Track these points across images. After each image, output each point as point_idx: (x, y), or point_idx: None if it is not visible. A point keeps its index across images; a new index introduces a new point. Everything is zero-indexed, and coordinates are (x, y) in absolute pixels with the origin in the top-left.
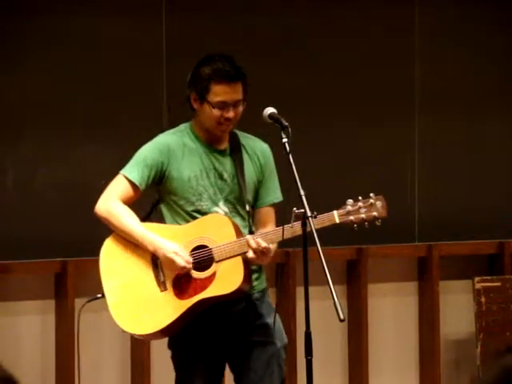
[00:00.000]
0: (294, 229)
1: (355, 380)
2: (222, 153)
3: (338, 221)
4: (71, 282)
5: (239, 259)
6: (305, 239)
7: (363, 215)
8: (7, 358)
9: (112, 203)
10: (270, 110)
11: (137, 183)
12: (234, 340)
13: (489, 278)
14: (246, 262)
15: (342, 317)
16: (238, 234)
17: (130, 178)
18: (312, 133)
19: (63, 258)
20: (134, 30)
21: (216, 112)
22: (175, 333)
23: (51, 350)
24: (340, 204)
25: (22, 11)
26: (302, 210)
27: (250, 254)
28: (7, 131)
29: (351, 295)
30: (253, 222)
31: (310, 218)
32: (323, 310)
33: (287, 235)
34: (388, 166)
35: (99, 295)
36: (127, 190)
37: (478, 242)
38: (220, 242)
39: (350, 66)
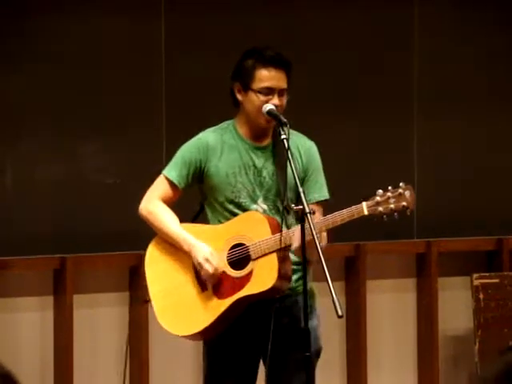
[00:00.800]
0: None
1: (353, 376)
2: (263, 149)
3: (366, 212)
4: (70, 279)
5: (274, 257)
6: (303, 236)
7: (392, 205)
8: (6, 354)
9: (152, 203)
10: (268, 106)
11: (176, 182)
12: (268, 341)
13: (487, 274)
14: (282, 259)
15: (340, 313)
16: (275, 231)
17: (169, 177)
18: (310, 132)
19: (62, 255)
20: (134, 29)
21: (262, 98)
22: (219, 331)
23: (50, 346)
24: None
25: (22, 10)
26: (301, 207)
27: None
28: (7, 129)
29: (349, 291)
30: (296, 219)
31: (308, 215)
32: (322, 306)
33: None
34: (386, 163)
35: (148, 299)
36: (167, 190)
37: (476, 239)
38: (256, 239)
39: (348, 66)
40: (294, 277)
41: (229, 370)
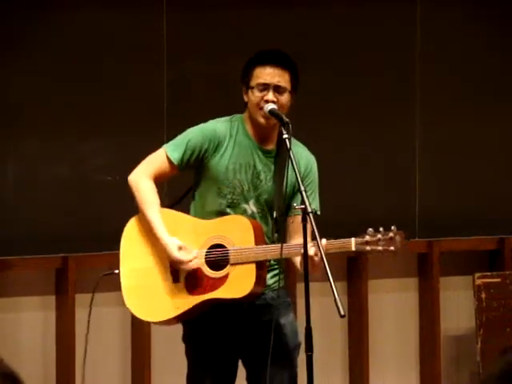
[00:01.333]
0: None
1: (356, 376)
2: (267, 153)
3: (353, 248)
4: (72, 278)
5: (253, 266)
6: (305, 234)
7: (380, 248)
8: (8, 353)
9: (141, 178)
10: (270, 105)
11: (175, 163)
12: (247, 338)
13: (489, 273)
14: (259, 268)
15: (342, 313)
16: (258, 239)
17: (170, 156)
18: (311, 130)
19: (64, 254)
20: (135, 25)
21: (256, 94)
22: (184, 320)
23: (52, 346)
24: (340, 206)
25: (23, 7)
26: (303, 206)
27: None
28: (8, 127)
29: (351, 291)
30: (279, 230)
31: (310, 214)
32: (324, 306)
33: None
34: (388, 163)
35: (116, 271)
36: (164, 167)
37: (478, 238)
38: (238, 244)
39: (350, 64)
40: (270, 274)
41: (207, 369)
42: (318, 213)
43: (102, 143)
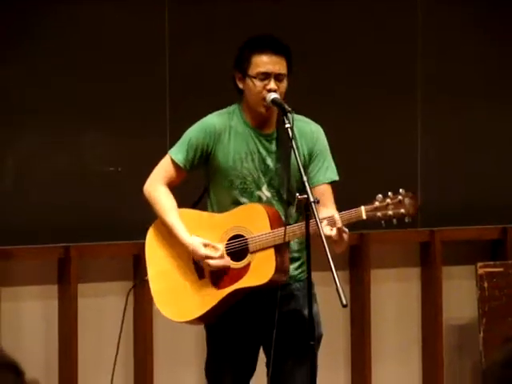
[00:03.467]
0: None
1: (358, 365)
2: (267, 137)
3: (364, 217)
4: (74, 268)
5: (271, 251)
6: (307, 224)
7: (391, 212)
8: (10, 343)
9: (155, 186)
10: (272, 95)
11: (181, 165)
12: (269, 328)
13: (492, 263)
14: (279, 253)
15: (344, 302)
16: (274, 224)
17: (176, 160)
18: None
19: (66, 244)
20: (136, 17)
21: (258, 83)
22: (213, 319)
23: (54, 335)
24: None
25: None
26: (305, 196)
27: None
28: (7, 118)
29: (354, 281)
30: (297, 210)
31: (312, 204)
32: (326, 295)
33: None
34: (390, 152)
35: (146, 278)
36: (173, 172)
37: (480, 228)
38: (255, 232)
39: (351, 57)
40: (295, 264)
41: (228, 357)
42: (337, 178)
43: (103, 133)
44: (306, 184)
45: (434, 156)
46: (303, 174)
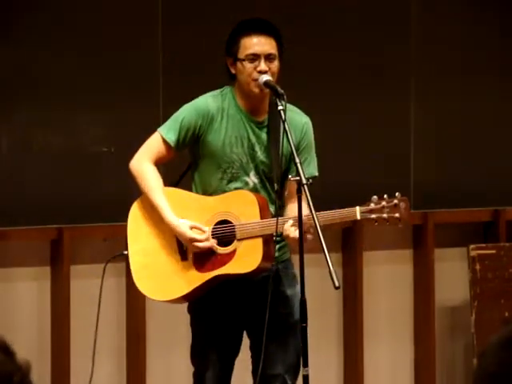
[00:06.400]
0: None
1: (350, 347)
2: (259, 124)
3: (359, 217)
4: (67, 249)
5: (259, 240)
6: (300, 206)
7: (385, 215)
8: (3, 324)
9: (142, 163)
10: (265, 77)
11: (172, 144)
12: (252, 309)
13: (484, 245)
14: (266, 242)
15: (337, 284)
16: (263, 213)
17: (166, 138)
18: (307, 105)
19: (59, 225)
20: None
21: (248, 65)
22: (193, 300)
23: (47, 317)
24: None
25: None
26: (298, 178)
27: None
28: (2, 98)
29: (346, 263)
30: (282, 198)
31: (305, 186)
32: (318, 277)
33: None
34: (383, 135)
35: (125, 252)
36: (161, 150)
37: (473, 210)
38: (244, 219)
39: (345, 37)
40: (276, 246)
41: (212, 340)
42: (316, 174)
43: (97, 114)
44: (299, 165)
45: (426, 138)
46: (296, 155)
